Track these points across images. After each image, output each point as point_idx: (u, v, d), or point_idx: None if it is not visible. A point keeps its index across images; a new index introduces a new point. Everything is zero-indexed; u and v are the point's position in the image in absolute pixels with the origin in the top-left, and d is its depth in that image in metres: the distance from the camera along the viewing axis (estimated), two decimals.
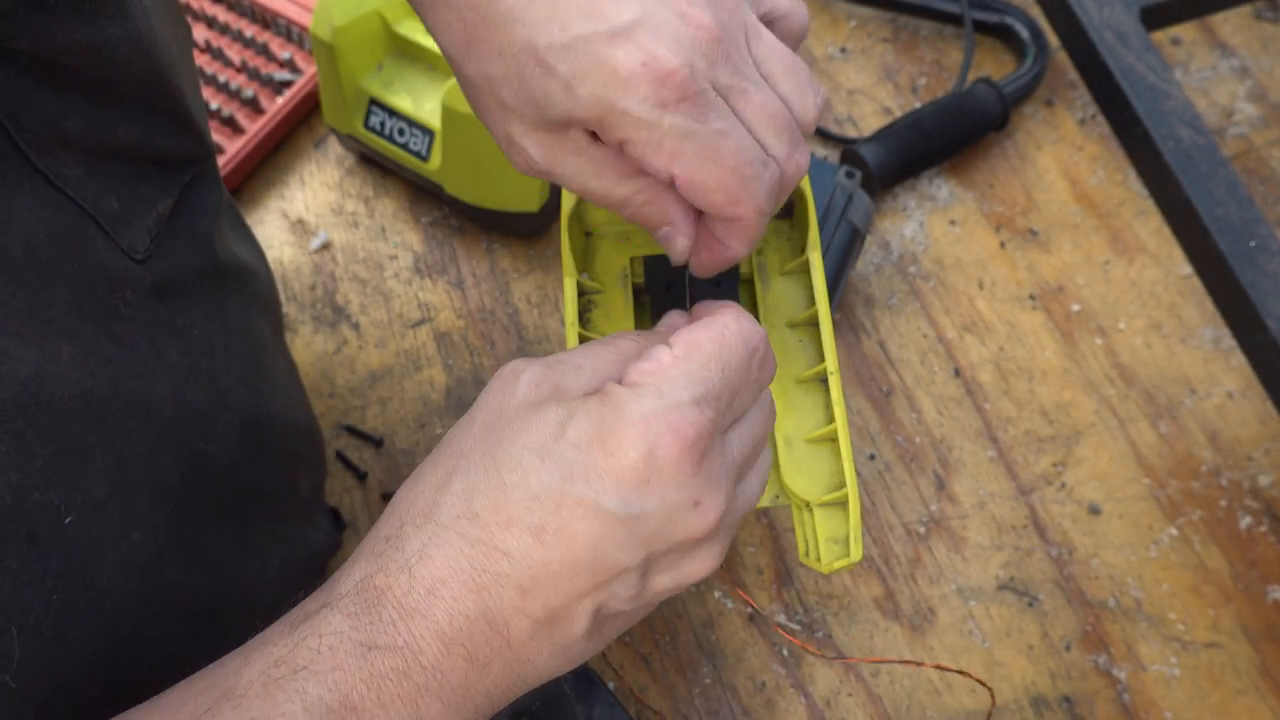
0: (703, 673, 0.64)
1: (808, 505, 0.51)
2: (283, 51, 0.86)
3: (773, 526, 0.68)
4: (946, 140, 0.79)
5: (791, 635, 0.64)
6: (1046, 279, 0.76)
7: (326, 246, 0.81)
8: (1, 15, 0.38)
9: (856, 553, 0.49)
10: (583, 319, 0.54)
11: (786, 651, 0.65)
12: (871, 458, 0.70)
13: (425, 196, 0.82)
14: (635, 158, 0.40)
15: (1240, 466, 0.68)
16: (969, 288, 0.76)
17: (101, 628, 0.41)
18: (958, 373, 0.73)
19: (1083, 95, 0.83)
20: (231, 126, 0.83)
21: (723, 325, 0.40)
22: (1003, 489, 0.69)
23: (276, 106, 0.83)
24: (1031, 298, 0.75)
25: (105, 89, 0.44)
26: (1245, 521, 0.67)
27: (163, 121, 0.49)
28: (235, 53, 0.86)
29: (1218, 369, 0.72)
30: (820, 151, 0.82)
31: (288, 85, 0.85)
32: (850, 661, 0.64)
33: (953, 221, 0.79)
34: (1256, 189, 0.78)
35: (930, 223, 0.79)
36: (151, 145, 0.48)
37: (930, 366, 0.73)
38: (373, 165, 0.84)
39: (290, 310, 0.78)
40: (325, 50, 0.75)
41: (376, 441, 0.73)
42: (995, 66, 0.85)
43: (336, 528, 0.69)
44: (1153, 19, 0.67)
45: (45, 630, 0.39)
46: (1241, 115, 0.81)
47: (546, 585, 0.37)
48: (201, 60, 0.86)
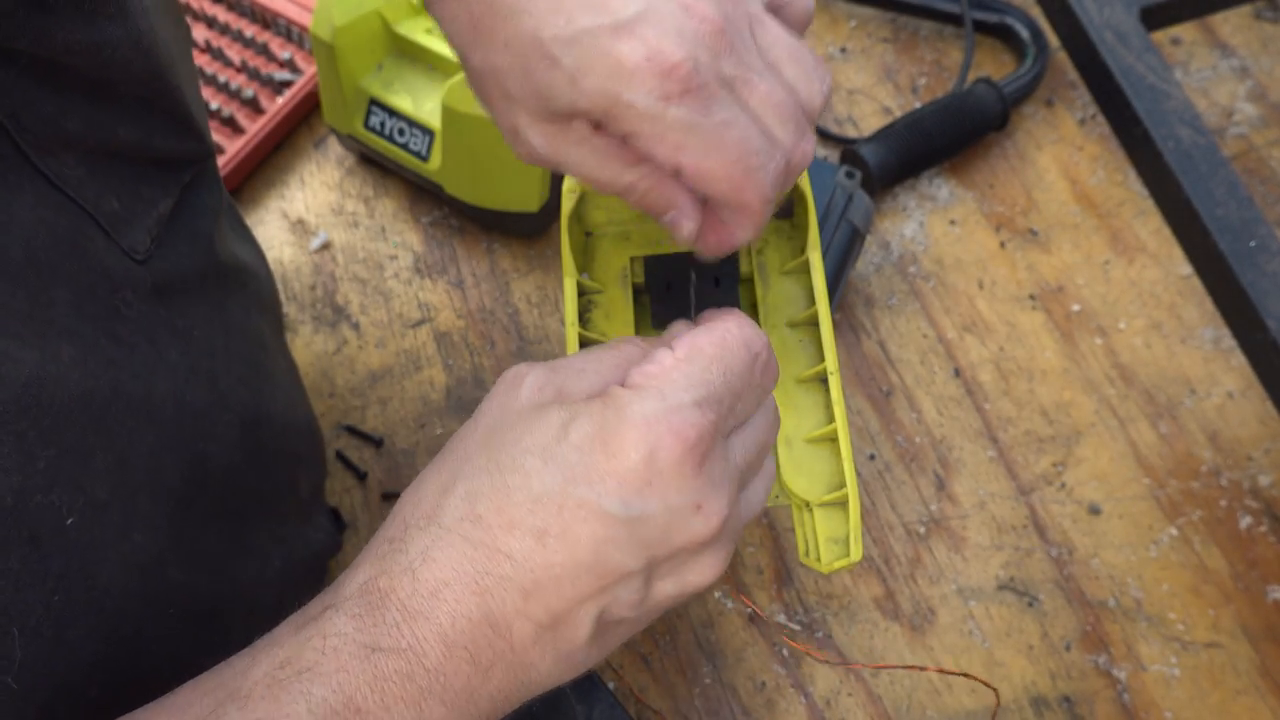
0: (703, 673, 0.64)
1: (808, 505, 0.51)
2: (283, 51, 0.86)
3: (773, 526, 0.69)
4: (946, 140, 0.79)
5: (793, 640, 0.65)
6: (1046, 279, 0.76)
7: (326, 246, 0.81)
8: (2, 15, 0.38)
9: (856, 553, 0.49)
10: (583, 319, 0.54)
11: (786, 651, 0.65)
12: (871, 458, 0.70)
13: (425, 196, 0.82)
14: (640, 149, 0.40)
15: (1240, 466, 0.68)
16: (969, 288, 0.76)
17: (102, 628, 0.41)
18: (958, 373, 0.73)
19: (1083, 95, 0.83)
20: (231, 126, 0.83)
21: (725, 330, 0.40)
22: (1003, 489, 0.69)
23: (276, 106, 0.83)
24: (1031, 298, 0.75)
25: (105, 89, 0.44)
26: (1245, 521, 0.67)
27: (163, 121, 0.49)
28: (235, 53, 0.86)
29: (1218, 369, 0.72)
30: (820, 151, 0.82)
31: (288, 85, 0.85)
32: (854, 667, 0.64)
33: (953, 221, 0.79)
34: (1256, 189, 0.78)
35: (930, 223, 0.79)
36: (152, 145, 0.48)
37: (930, 366, 0.73)
38: (373, 165, 0.84)
39: (290, 310, 0.78)
40: (325, 50, 0.75)
41: (376, 441, 0.73)
42: (995, 66, 0.85)
43: (337, 528, 0.69)
44: (1153, 19, 0.67)
45: (46, 631, 0.39)
46: (1241, 115, 0.81)
47: (549, 588, 0.37)
48: (201, 60, 0.86)
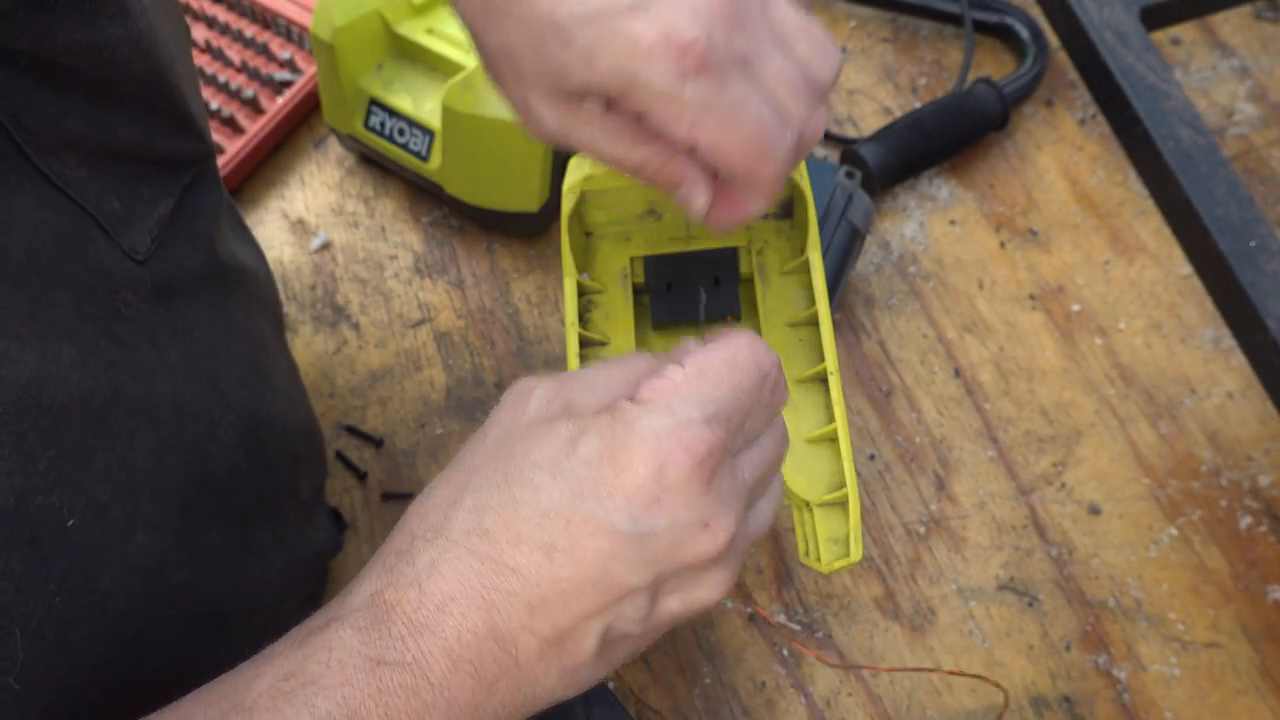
0: (703, 673, 0.64)
1: (808, 505, 0.51)
2: (283, 51, 0.86)
3: (773, 526, 0.69)
4: (946, 140, 0.79)
5: (803, 645, 0.65)
6: (1046, 279, 0.76)
7: (326, 246, 0.81)
8: (2, 16, 0.38)
9: (856, 553, 0.49)
10: (583, 319, 0.54)
11: (786, 651, 0.65)
12: (871, 458, 0.70)
13: (425, 196, 0.82)
14: (654, 126, 0.40)
15: (1240, 466, 0.68)
16: (969, 288, 0.76)
17: (104, 630, 0.41)
18: (958, 373, 0.73)
19: (1083, 95, 0.83)
20: (231, 126, 0.83)
21: (736, 348, 0.40)
22: (1003, 489, 0.69)
23: (276, 106, 0.83)
24: (1031, 298, 0.75)
25: (106, 89, 0.44)
26: (1245, 521, 0.67)
27: (163, 121, 0.49)
28: (235, 53, 0.86)
29: (1218, 369, 0.72)
30: (820, 151, 0.82)
31: (288, 85, 0.85)
32: (864, 669, 0.64)
33: (953, 221, 0.79)
34: (1256, 189, 0.78)
35: (930, 223, 0.79)
36: (152, 145, 0.48)
37: (930, 366, 0.73)
38: (373, 165, 0.84)
39: (290, 310, 0.78)
40: (325, 50, 0.75)
41: (376, 441, 0.73)
42: (995, 66, 0.85)
43: (338, 528, 0.69)
44: (1153, 19, 0.67)
45: (48, 633, 0.39)
46: (1241, 115, 0.81)
47: (555, 604, 0.37)
48: (201, 60, 0.86)
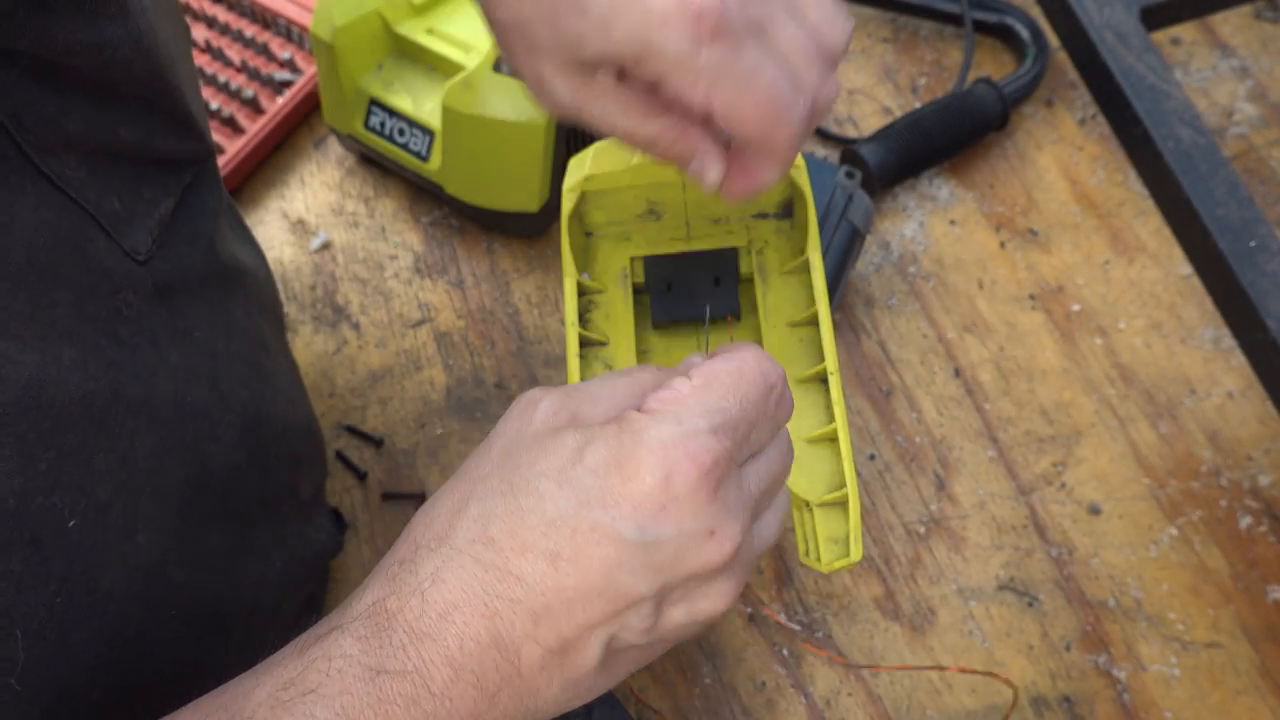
0: (703, 673, 0.64)
1: (808, 505, 0.51)
2: (283, 51, 0.86)
3: None
4: (946, 140, 0.79)
5: (816, 647, 0.65)
6: (1046, 279, 0.76)
7: (326, 246, 0.81)
8: (2, 16, 0.38)
9: (856, 553, 0.49)
10: (583, 319, 0.55)
11: (786, 651, 0.65)
12: (871, 458, 0.70)
13: (425, 196, 0.82)
14: (670, 93, 0.40)
15: (1240, 466, 0.68)
16: (969, 288, 0.76)
17: (105, 631, 0.41)
18: (958, 373, 0.73)
19: (1083, 95, 0.83)
20: (231, 126, 0.83)
21: (741, 360, 0.40)
22: (1003, 489, 0.69)
23: (276, 106, 0.83)
24: (1031, 298, 0.75)
25: (106, 89, 0.44)
26: (1245, 521, 0.67)
27: (163, 121, 0.49)
28: (235, 53, 0.86)
29: (1218, 369, 0.72)
30: (820, 151, 0.82)
31: (288, 85, 0.85)
32: (874, 669, 0.64)
33: (953, 221, 0.79)
34: (1256, 189, 0.78)
35: (930, 223, 0.79)
36: (152, 145, 0.48)
37: (930, 366, 0.73)
38: (373, 165, 0.84)
39: (290, 310, 0.79)
40: (325, 50, 0.75)
41: (376, 441, 0.73)
42: (995, 66, 0.85)
43: (338, 528, 0.69)
44: (1153, 19, 0.67)
45: (49, 634, 0.39)
46: (1241, 115, 0.81)
47: (559, 613, 0.36)
48: (201, 60, 0.86)
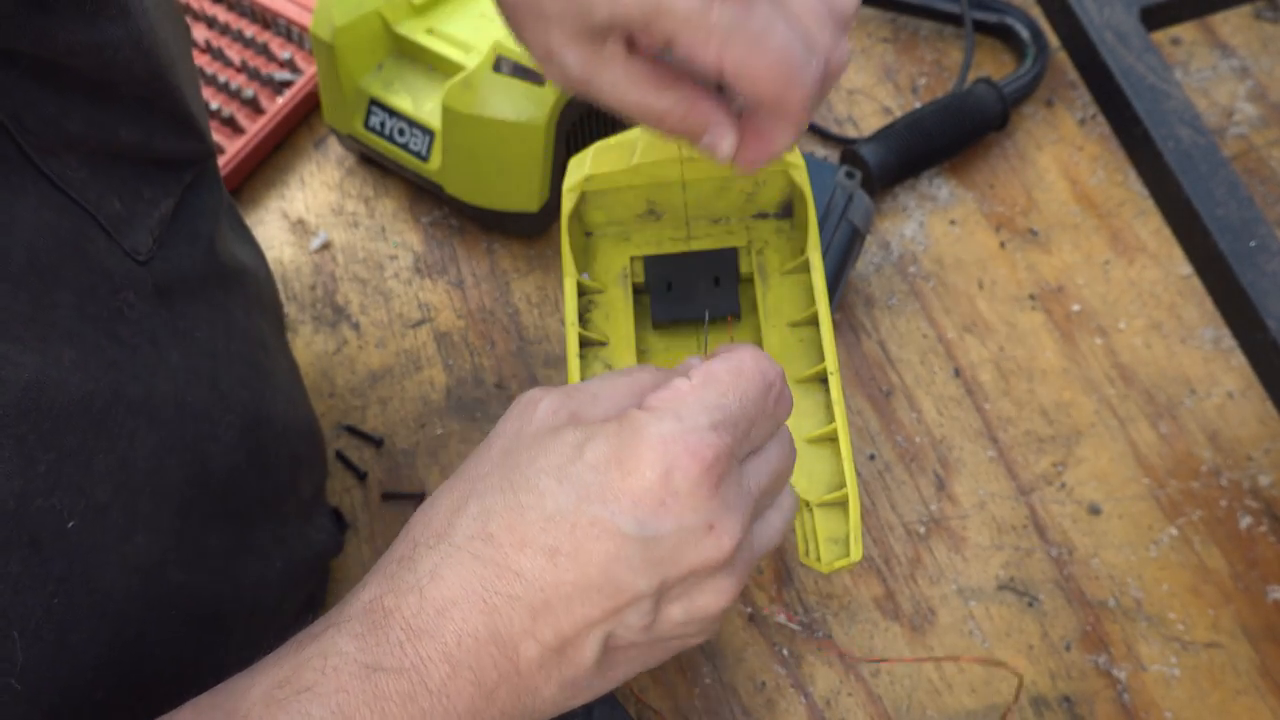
0: (703, 673, 0.64)
1: (808, 505, 0.51)
2: (283, 51, 0.86)
3: None
4: (946, 140, 0.79)
5: (836, 648, 0.65)
6: (1046, 279, 0.76)
7: (326, 246, 0.81)
8: (3, 17, 0.38)
9: (856, 553, 0.49)
10: (583, 319, 0.55)
11: (786, 651, 0.65)
12: (871, 458, 0.70)
13: (425, 196, 0.82)
14: (681, 54, 0.40)
15: (1240, 466, 0.68)
16: (969, 288, 0.76)
17: (104, 631, 0.41)
18: (958, 373, 0.73)
19: (1083, 95, 0.83)
20: (231, 126, 0.83)
21: (740, 359, 0.40)
22: (1003, 489, 0.69)
23: (276, 106, 0.83)
24: (1031, 298, 0.75)
25: (107, 89, 0.44)
26: (1245, 521, 0.67)
27: (164, 121, 0.49)
28: (235, 53, 0.86)
29: (1218, 369, 0.72)
30: (820, 151, 0.82)
31: (288, 85, 0.85)
32: (882, 661, 0.64)
33: (953, 221, 0.79)
34: (1256, 189, 0.78)
35: (930, 223, 0.79)
36: (153, 146, 0.48)
37: (930, 366, 0.73)
38: (373, 165, 0.84)
39: (290, 310, 0.79)
40: (325, 50, 0.75)
41: (376, 441, 0.73)
42: (995, 66, 0.85)
43: (338, 528, 0.69)
44: (1153, 19, 0.67)
45: (47, 634, 0.39)
46: (1241, 115, 0.81)
47: (558, 609, 0.36)
48: (201, 60, 0.86)
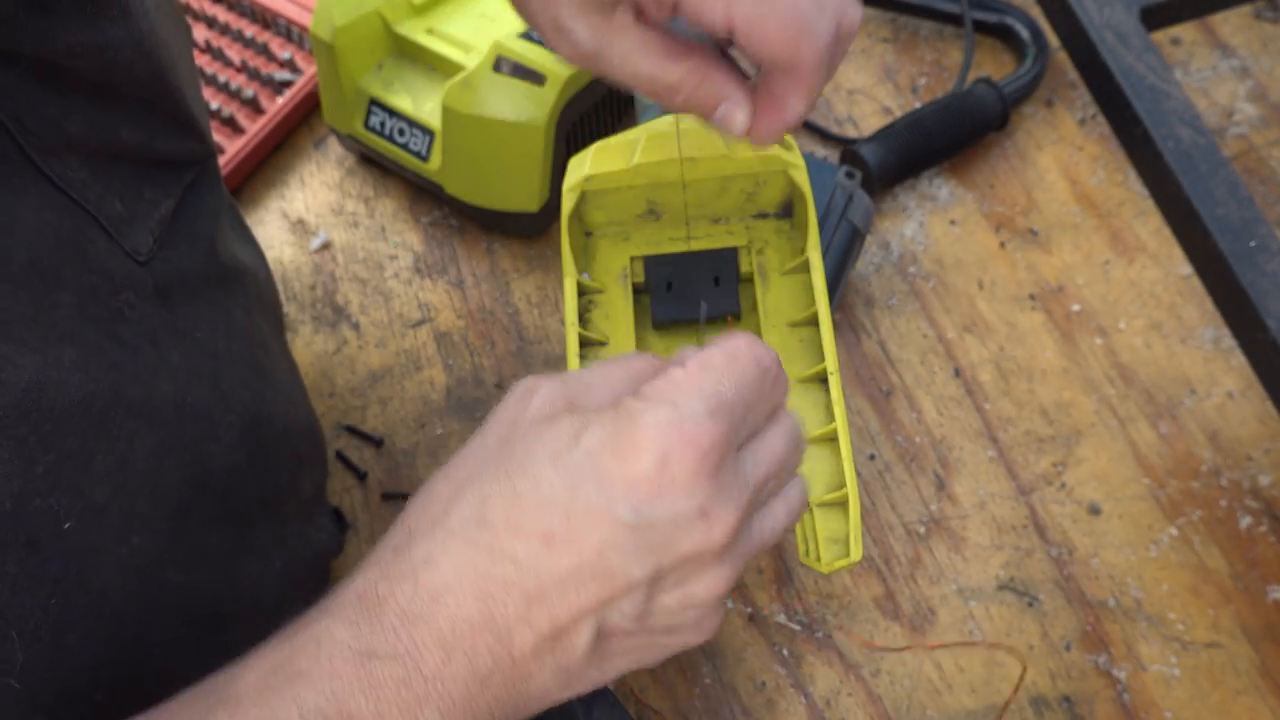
0: (703, 673, 0.64)
1: (808, 505, 0.51)
2: (283, 51, 0.86)
3: None
4: (946, 140, 0.79)
5: (860, 639, 0.65)
6: (1046, 279, 0.76)
7: (326, 246, 0.81)
8: (4, 19, 0.38)
9: (856, 553, 0.49)
10: (583, 319, 0.55)
11: (786, 651, 0.65)
12: (871, 458, 0.70)
13: (425, 196, 0.82)
14: (691, 14, 0.40)
15: (1240, 466, 0.68)
16: (969, 288, 0.76)
17: (102, 632, 0.41)
18: (958, 373, 0.73)
19: (1083, 95, 0.83)
20: (231, 126, 0.83)
21: (735, 346, 0.40)
22: (1003, 489, 0.69)
23: (276, 106, 0.83)
24: (1031, 298, 0.75)
25: (108, 90, 0.44)
26: (1245, 521, 0.67)
27: (164, 122, 0.49)
28: (235, 53, 0.86)
29: (1218, 369, 0.72)
30: (820, 151, 0.82)
31: (288, 85, 0.85)
32: (907, 650, 0.64)
33: (953, 221, 0.79)
34: (1256, 189, 0.78)
35: (930, 223, 0.79)
36: (153, 146, 0.48)
37: (930, 366, 0.73)
38: (373, 165, 0.84)
39: (290, 310, 0.79)
40: (325, 50, 0.75)
41: (376, 441, 0.73)
42: (995, 66, 0.85)
43: (339, 528, 0.69)
44: (1153, 19, 0.67)
45: (45, 635, 0.39)
46: (1241, 115, 0.81)
47: (552, 594, 0.37)
48: (201, 60, 0.86)
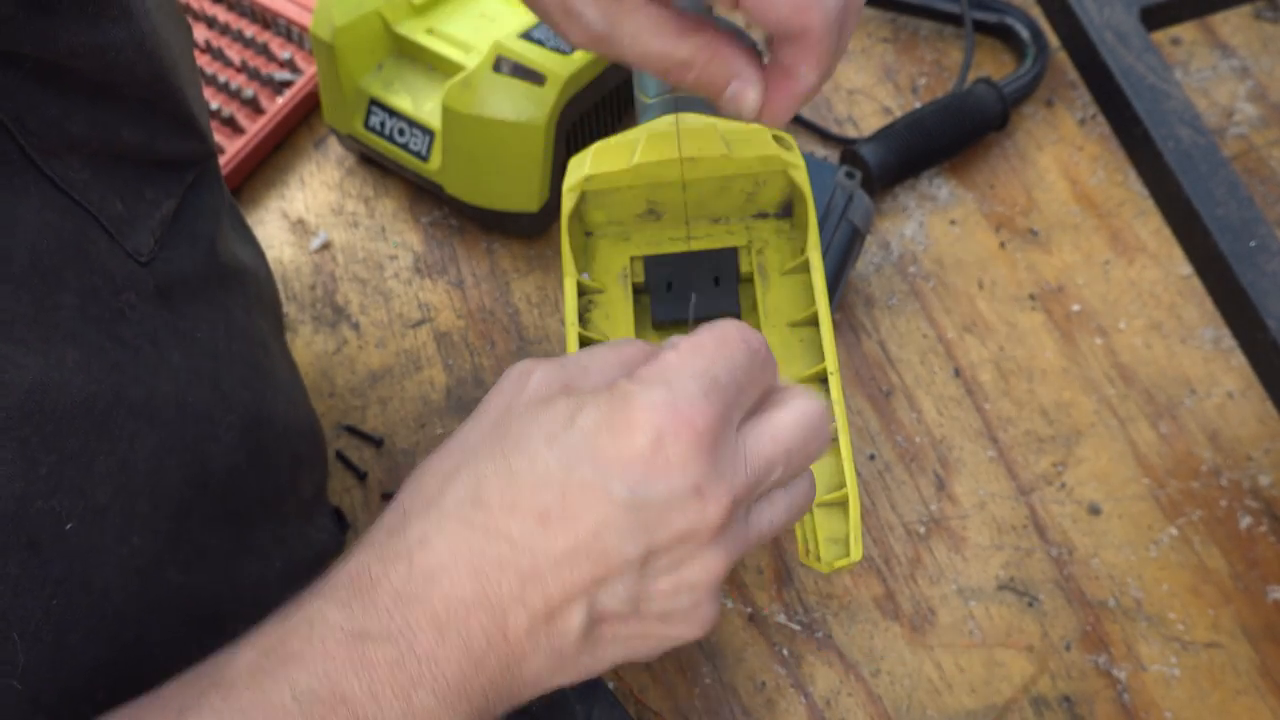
0: (703, 673, 0.64)
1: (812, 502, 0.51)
2: (283, 51, 0.86)
3: None
4: (946, 140, 0.79)
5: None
6: (1046, 279, 0.76)
7: (326, 246, 0.81)
8: (5, 19, 0.38)
9: (856, 553, 0.49)
10: (583, 319, 0.55)
11: (786, 651, 0.65)
12: (871, 458, 0.70)
13: (425, 196, 0.82)
14: None
15: (1240, 466, 0.68)
16: (969, 288, 0.76)
17: (103, 632, 0.41)
18: (958, 373, 0.73)
19: (1083, 95, 0.83)
20: (231, 126, 0.83)
21: (724, 330, 0.41)
22: (1003, 489, 0.69)
23: (276, 106, 0.83)
24: (1031, 298, 0.75)
25: (109, 91, 0.44)
26: (1245, 521, 0.67)
27: (166, 123, 0.49)
28: (235, 53, 0.86)
29: (1218, 369, 0.72)
30: (820, 151, 0.82)
31: (288, 85, 0.85)
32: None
33: (953, 221, 0.79)
34: (1256, 189, 0.78)
35: (930, 223, 0.79)
36: (155, 147, 0.48)
37: (930, 366, 0.73)
38: (373, 165, 0.84)
39: (290, 310, 0.79)
40: (325, 50, 0.75)
41: (376, 441, 0.73)
42: (995, 66, 0.85)
43: (339, 528, 0.69)
44: (1153, 19, 0.67)
45: (46, 636, 0.39)
46: (1241, 115, 0.81)
47: (547, 574, 0.37)
48: (201, 60, 0.86)
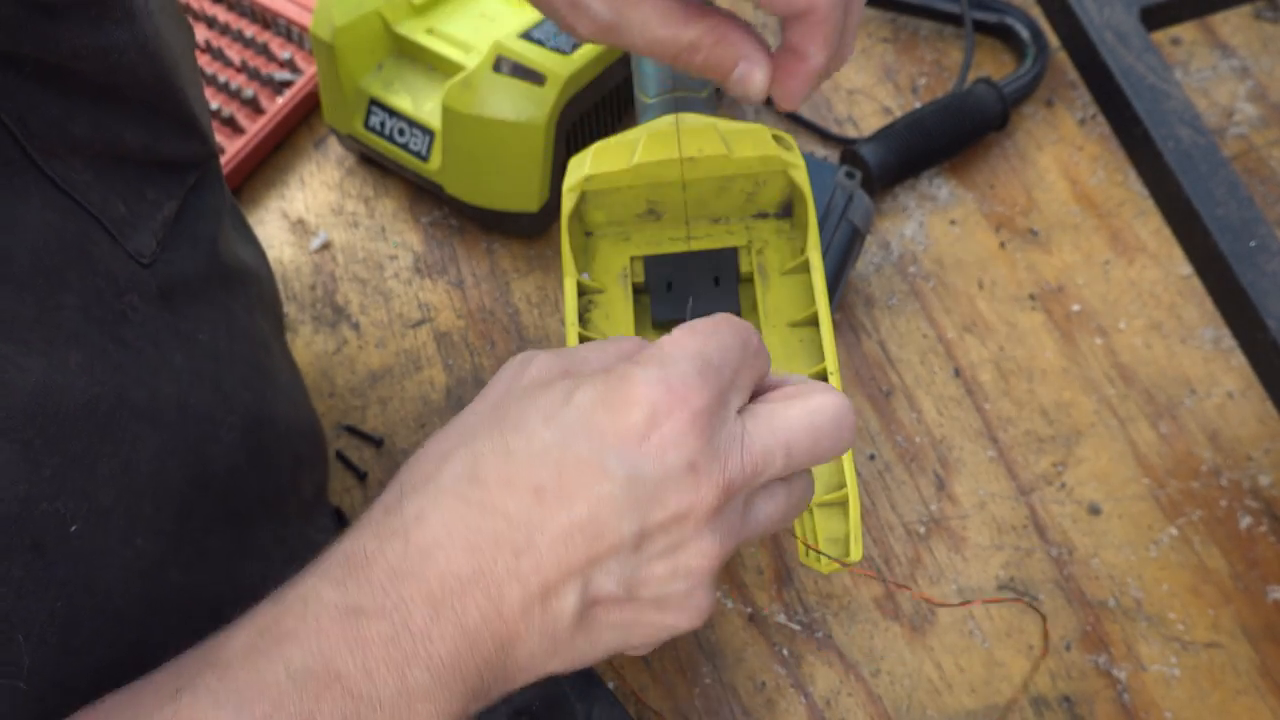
0: (703, 673, 0.64)
1: (811, 499, 0.51)
2: (283, 51, 0.86)
3: None
4: (946, 140, 0.79)
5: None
6: (1046, 279, 0.76)
7: (326, 246, 0.81)
8: (8, 21, 0.38)
9: (856, 553, 0.49)
10: (583, 319, 0.55)
11: (786, 651, 0.65)
12: (871, 458, 0.70)
13: (425, 196, 0.82)
14: None
15: (1240, 466, 0.68)
16: (969, 288, 0.76)
17: (107, 634, 0.41)
18: (958, 373, 0.73)
19: (1083, 95, 0.83)
20: (231, 126, 0.83)
21: (715, 320, 0.41)
22: (1003, 489, 0.69)
23: (276, 106, 0.83)
24: (1031, 298, 0.75)
25: (111, 93, 0.44)
26: (1245, 521, 0.67)
27: (168, 124, 0.49)
28: (235, 53, 0.86)
29: (1218, 369, 0.72)
30: (820, 151, 0.82)
31: (288, 85, 0.85)
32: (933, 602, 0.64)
33: (953, 221, 0.79)
34: (1256, 189, 0.78)
35: (930, 223, 0.79)
36: (157, 148, 0.48)
37: (930, 366, 0.73)
38: (373, 165, 0.84)
39: (290, 310, 0.79)
40: (325, 50, 0.75)
41: (376, 441, 0.73)
42: (995, 66, 0.85)
43: (340, 528, 0.69)
44: (1153, 19, 0.68)
45: (51, 637, 0.39)
46: (1241, 115, 0.81)
47: (542, 550, 0.37)
48: (201, 60, 0.86)
